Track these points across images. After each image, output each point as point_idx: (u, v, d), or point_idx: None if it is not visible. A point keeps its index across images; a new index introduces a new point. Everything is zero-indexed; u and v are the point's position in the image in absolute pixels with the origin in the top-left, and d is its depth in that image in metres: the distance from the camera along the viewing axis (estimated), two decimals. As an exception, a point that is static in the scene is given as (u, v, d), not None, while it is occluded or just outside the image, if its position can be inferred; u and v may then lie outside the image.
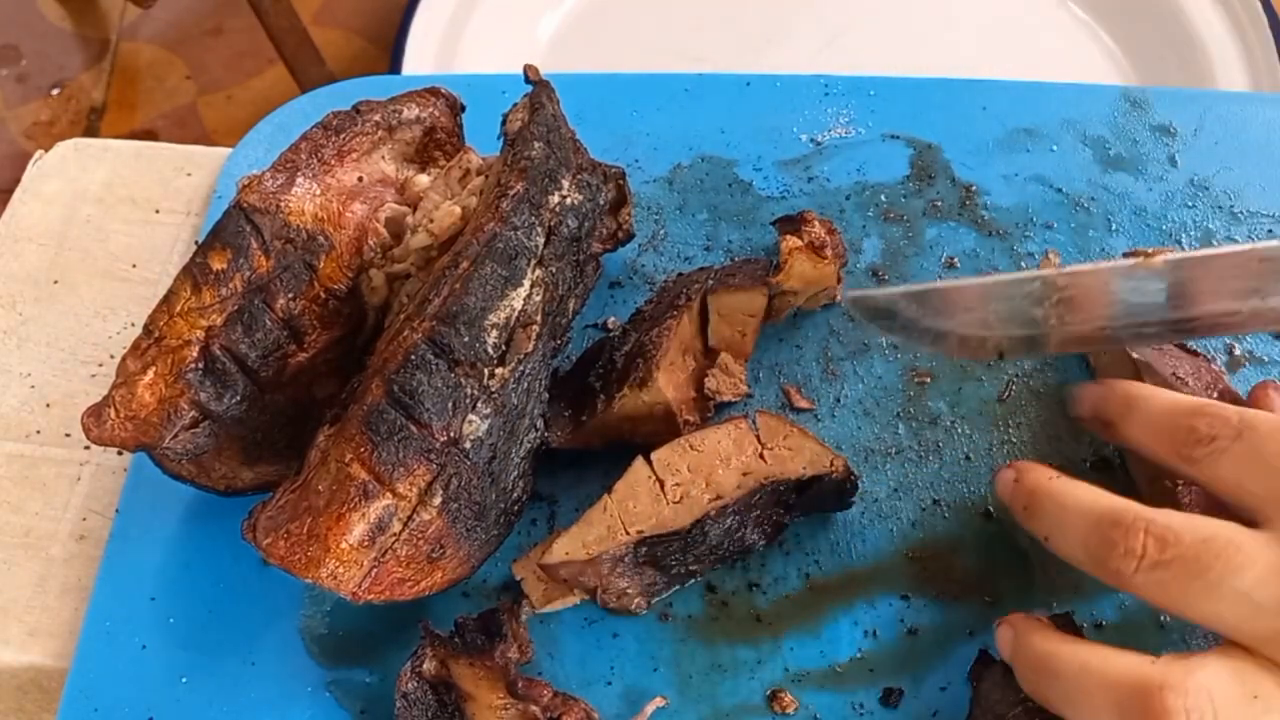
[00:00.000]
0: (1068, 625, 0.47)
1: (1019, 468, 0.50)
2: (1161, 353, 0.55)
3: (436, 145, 0.59)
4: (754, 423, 0.54)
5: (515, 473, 0.51)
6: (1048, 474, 0.49)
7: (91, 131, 1.52)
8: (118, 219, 0.70)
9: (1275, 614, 0.41)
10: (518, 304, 0.51)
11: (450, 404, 0.48)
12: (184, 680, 0.53)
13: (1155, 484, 0.52)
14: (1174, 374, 0.54)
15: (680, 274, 0.61)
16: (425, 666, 0.49)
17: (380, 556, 0.47)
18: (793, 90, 0.71)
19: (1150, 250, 0.54)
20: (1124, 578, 0.44)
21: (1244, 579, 0.41)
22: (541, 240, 0.52)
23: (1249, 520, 0.44)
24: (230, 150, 0.71)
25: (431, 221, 0.55)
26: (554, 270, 0.53)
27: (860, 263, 0.64)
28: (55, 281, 0.67)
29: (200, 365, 0.51)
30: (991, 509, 0.56)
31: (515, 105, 0.56)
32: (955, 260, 0.64)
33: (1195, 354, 0.57)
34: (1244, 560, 0.42)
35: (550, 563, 0.51)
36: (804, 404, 0.59)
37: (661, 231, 0.66)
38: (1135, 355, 0.54)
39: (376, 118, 0.57)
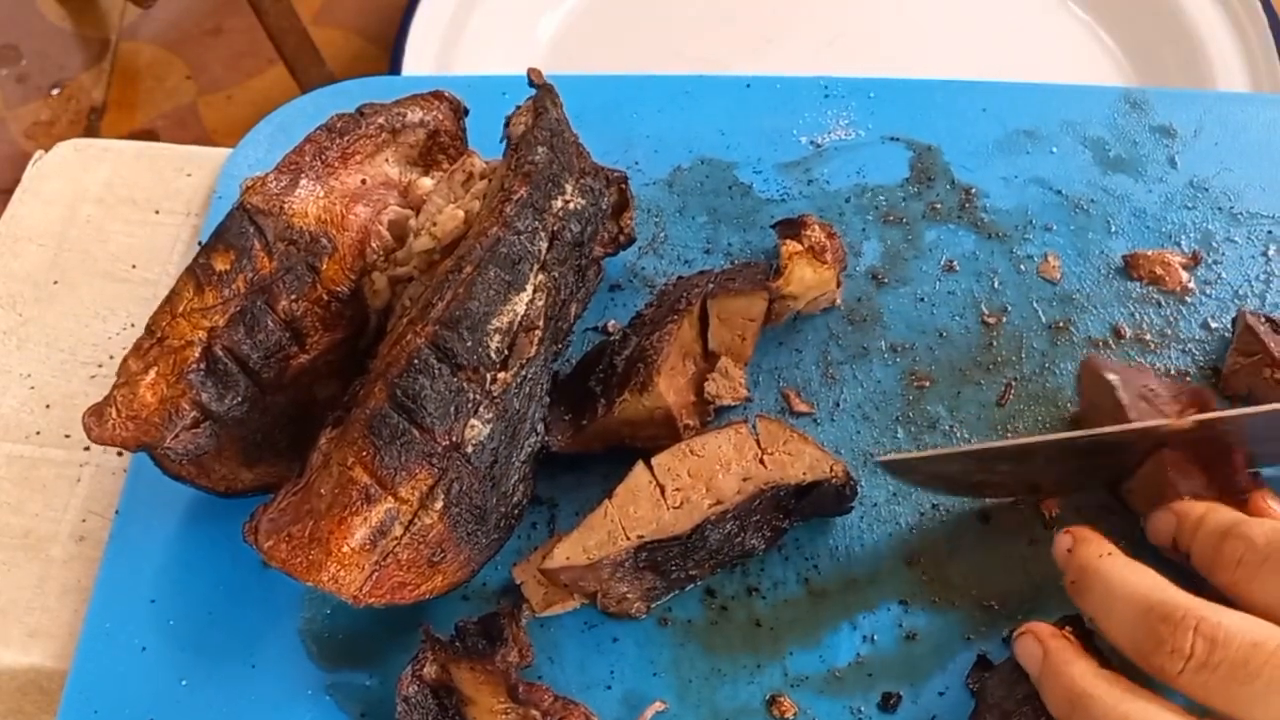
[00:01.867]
0: (1076, 629, 0.47)
1: (1076, 536, 0.48)
2: (1135, 369, 0.55)
3: (440, 148, 0.59)
4: (754, 427, 0.54)
5: (516, 477, 0.51)
6: (1099, 549, 0.47)
7: (91, 131, 1.52)
8: (118, 219, 0.70)
9: None
10: (520, 308, 0.51)
11: (452, 408, 0.48)
12: (184, 682, 0.53)
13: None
14: (1145, 388, 0.53)
15: (680, 277, 0.61)
16: (426, 670, 0.49)
17: (381, 560, 0.47)
18: (793, 92, 0.71)
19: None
20: (1169, 676, 0.42)
21: None
22: (544, 245, 0.52)
23: None
24: (230, 150, 0.71)
25: (434, 225, 0.55)
26: (556, 275, 0.53)
27: (860, 265, 0.64)
28: (55, 282, 0.67)
29: (202, 366, 0.51)
30: (989, 514, 0.56)
31: (519, 109, 0.56)
32: (955, 263, 0.64)
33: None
34: None
35: (551, 567, 0.51)
36: (803, 408, 0.59)
37: (661, 234, 0.66)
38: (1108, 376, 0.54)
39: (380, 121, 0.57)
